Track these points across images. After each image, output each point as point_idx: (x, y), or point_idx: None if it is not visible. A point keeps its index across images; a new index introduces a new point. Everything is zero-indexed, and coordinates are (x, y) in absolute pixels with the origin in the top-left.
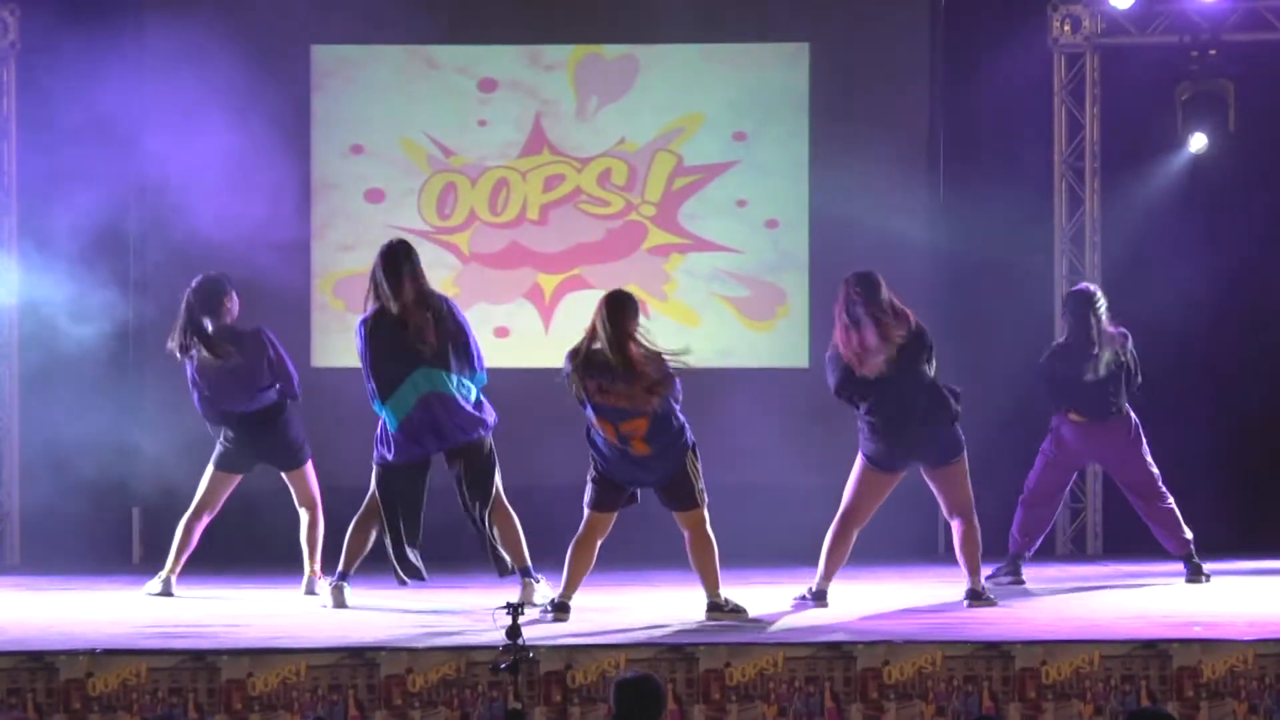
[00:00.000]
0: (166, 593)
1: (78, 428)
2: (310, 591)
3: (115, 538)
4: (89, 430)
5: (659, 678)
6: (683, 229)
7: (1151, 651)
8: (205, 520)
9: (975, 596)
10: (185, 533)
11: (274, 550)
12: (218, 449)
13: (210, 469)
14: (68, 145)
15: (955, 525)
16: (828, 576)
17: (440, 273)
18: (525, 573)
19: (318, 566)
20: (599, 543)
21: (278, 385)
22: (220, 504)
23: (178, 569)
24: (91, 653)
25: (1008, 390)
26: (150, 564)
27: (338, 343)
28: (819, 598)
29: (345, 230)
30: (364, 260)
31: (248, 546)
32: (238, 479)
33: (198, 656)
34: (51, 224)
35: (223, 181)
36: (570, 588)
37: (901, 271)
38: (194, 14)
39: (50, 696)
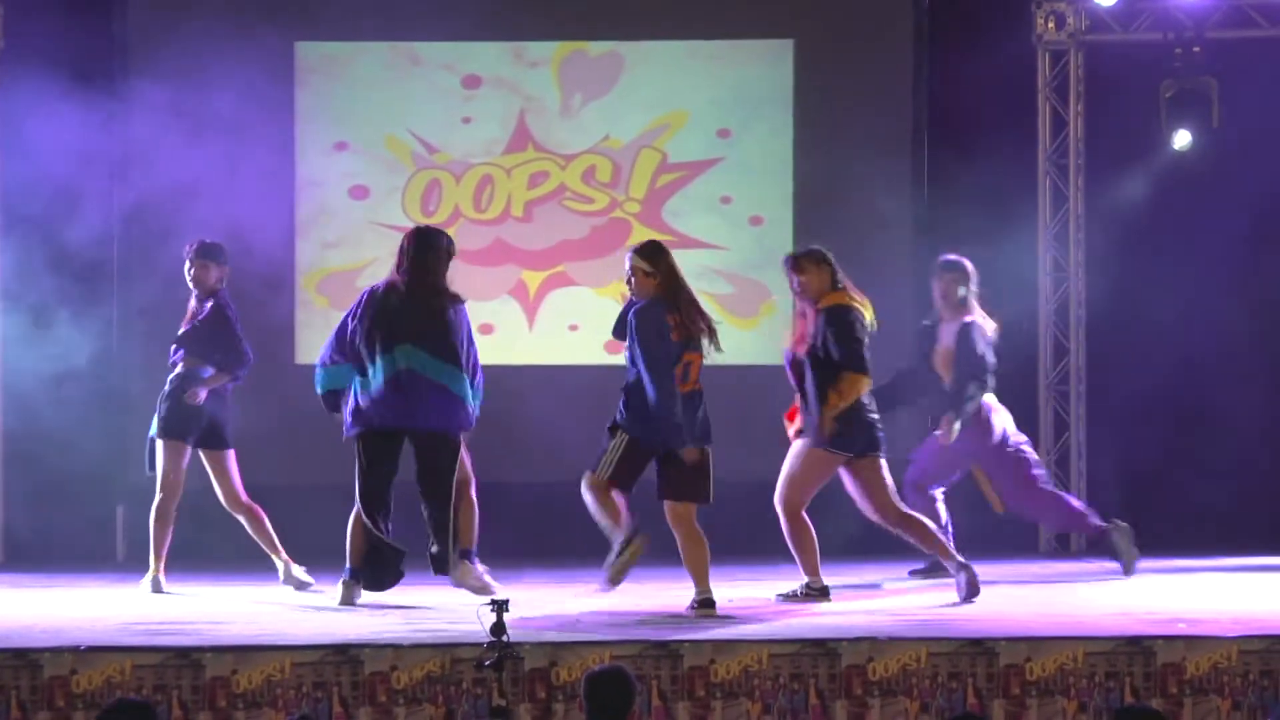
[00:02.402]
0: (158, 590)
1: (62, 425)
2: (289, 579)
3: (99, 536)
4: (73, 427)
5: (629, 670)
6: (667, 226)
7: (1135, 648)
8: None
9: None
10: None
11: (257, 547)
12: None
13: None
14: (50, 142)
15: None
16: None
17: None
18: (466, 555)
19: (283, 554)
20: None
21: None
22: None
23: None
24: (76, 650)
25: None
26: (134, 562)
27: (322, 340)
28: (822, 592)
29: (329, 227)
30: (348, 257)
31: (231, 543)
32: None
33: (182, 653)
34: (34, 220)
35: (206, 177)
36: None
37: (885, 268)
38: (178, 11)
39: (34, 694)
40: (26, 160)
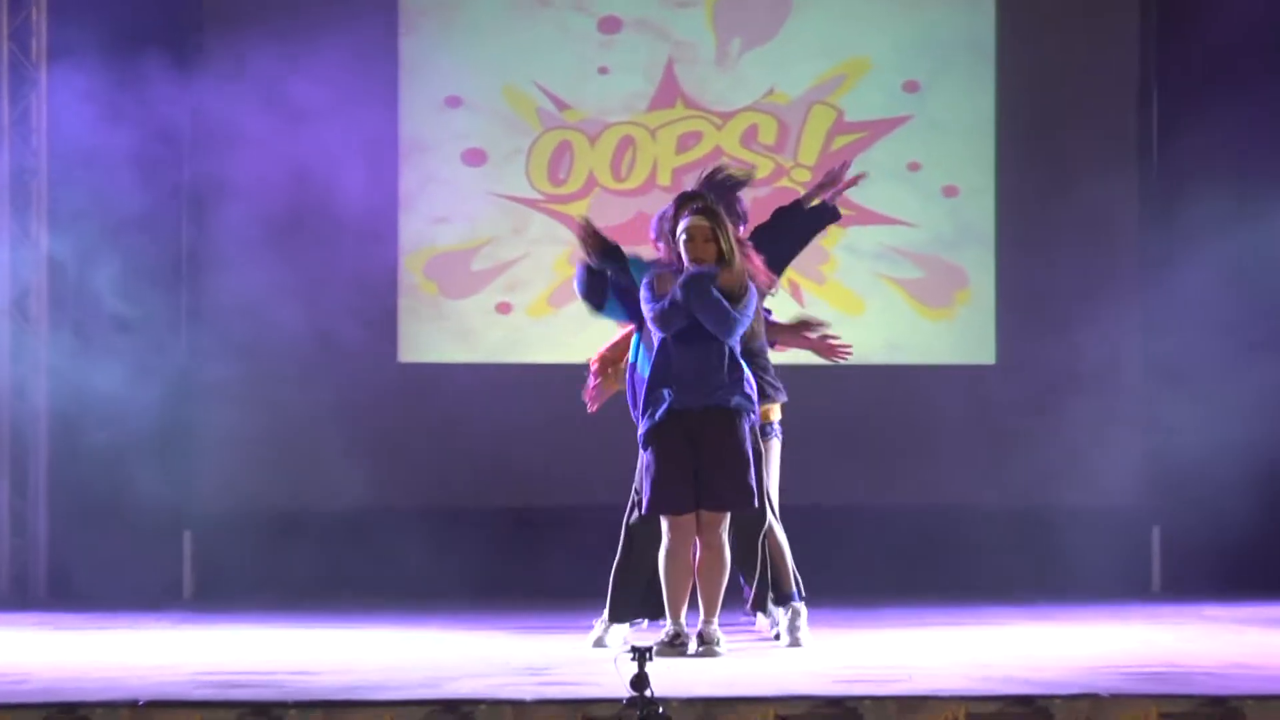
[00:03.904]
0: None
1: (119, 435)
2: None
3: (163, 567)
4: (132, 439)
5: None
6: (844, 197)
7: None
8: None
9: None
10: None
11: (355, 583)
12: None
13: None
14: (105, 116)
15: None
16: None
17: (553, 249)
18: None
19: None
20: None
21: None
22: None
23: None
24: (134, 705)
25: (1227, 391)
26: (204, 598)
27: (430, 333)
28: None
29: (439, 199)
30: (461, 235)
31: (325, 578)
32: None
33: (260, 709)
34: (90, 188)
35: (294, 139)
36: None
37: (1103, 249)
38: None
39: None
40: (76, 140)
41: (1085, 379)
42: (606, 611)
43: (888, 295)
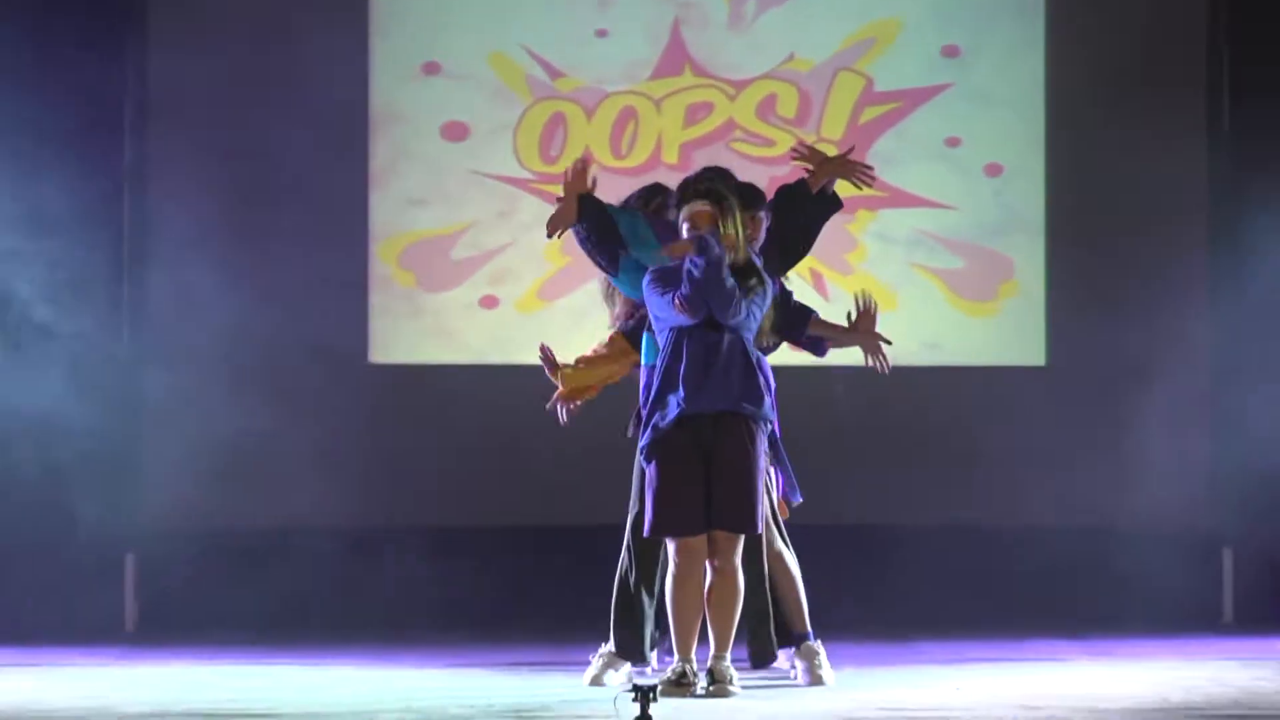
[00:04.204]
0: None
1: (52, 450)
2: None
3: (102, 596)
4: (67, 454)
5: None
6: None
7: None
8: None
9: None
10: None
11: (321, 614)
12: None
13: None
14: (33, 89)
15: None
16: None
17: (544, 235)
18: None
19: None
20: None
21: None
22: None
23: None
24: None
25: None
26: (150, 630)
27: (406, 331)
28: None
29: (415, 178)
30: (440, 218)
31: (287, 608)
32: None
33: None
34: (15, 173)
35: (250, 113)
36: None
37: (1167, 235)
38: None
39: None
40: (9, 82)
41: (1147, 382)
42: (612, 645)
43: (923, 287)
